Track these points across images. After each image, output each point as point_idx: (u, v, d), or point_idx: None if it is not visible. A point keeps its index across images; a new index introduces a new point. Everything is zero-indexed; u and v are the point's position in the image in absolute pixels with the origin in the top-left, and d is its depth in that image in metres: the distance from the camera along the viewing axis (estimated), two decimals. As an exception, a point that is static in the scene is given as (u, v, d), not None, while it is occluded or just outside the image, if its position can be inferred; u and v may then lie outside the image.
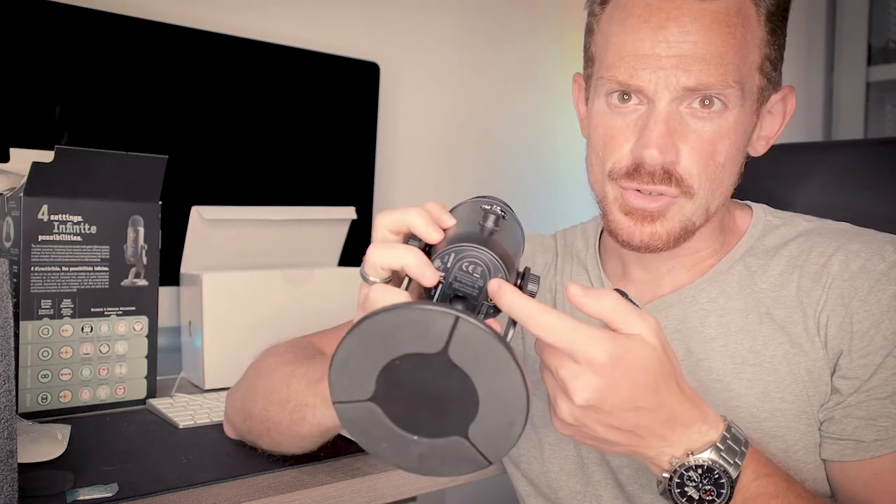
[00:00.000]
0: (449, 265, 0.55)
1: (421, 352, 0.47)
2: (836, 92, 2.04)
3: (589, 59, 0.80)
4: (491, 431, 0.49)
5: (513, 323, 0.55)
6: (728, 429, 0.61)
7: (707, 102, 0.71)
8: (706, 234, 0.80)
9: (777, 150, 1.21)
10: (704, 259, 0.81)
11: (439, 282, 0.55)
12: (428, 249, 0.58)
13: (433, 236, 0.57)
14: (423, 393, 0.49)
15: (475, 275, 0.55)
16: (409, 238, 0.59)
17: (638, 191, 0.74)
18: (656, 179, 0.72)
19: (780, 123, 0.81)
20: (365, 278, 0.59)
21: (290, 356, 0.83)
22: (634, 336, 0.56)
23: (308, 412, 0.75)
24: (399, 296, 0.54)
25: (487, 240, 0.56)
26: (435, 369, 0.48)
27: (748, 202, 0.87)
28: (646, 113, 0.72)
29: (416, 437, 0.50)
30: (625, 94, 0.73)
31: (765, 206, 0.86)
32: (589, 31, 0.80)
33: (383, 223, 0.60)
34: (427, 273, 0.54)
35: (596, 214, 0.92)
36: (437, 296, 0.55)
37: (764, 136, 0.80)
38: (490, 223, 0.58)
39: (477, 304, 0.55)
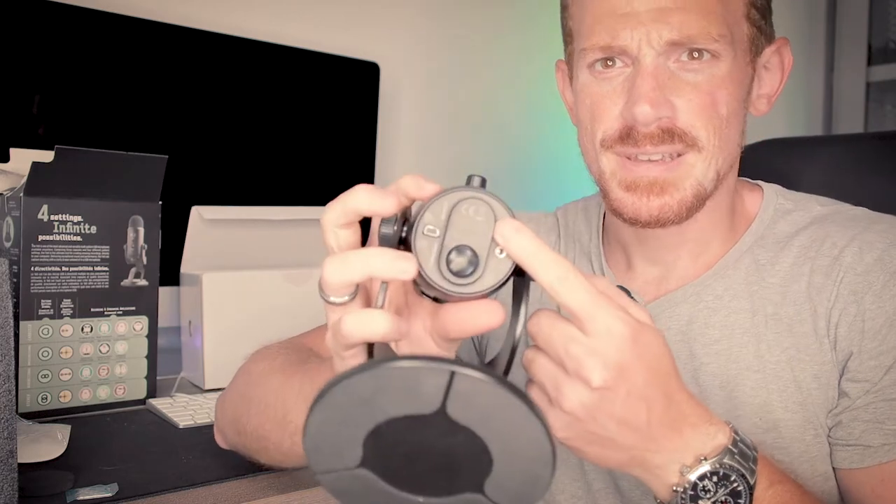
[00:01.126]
0: (443, 215, 0.45)
1: (413, 413, 0.39)
2: (837, 92, 2.04)
3: (567, 36, 0.76)
4: (511, 486, 0.41)
5: (526, 296, 0.47)
6: (736, 431, 0.56)
7: (696, 55, 0.67)
8: (715, 213, 0.74)
9: (776, 145, 1.20)
10: (712, 247, 0.76)
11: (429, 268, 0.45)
12: (405, 235, 0.47)
13: (387, 205, 0.45)
14: (424, 452, 0.40)
15: (478, 217, 0.45)
16: (381, 223, 0.47)
17: (635, 157, 0.68)
18: (655, 141, 0.67)
19: (779, 79, 0.75)
20: (326, 300, 0.47)
21: (282, 361, 0.75)
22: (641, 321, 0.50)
23: None
24: (380, 323, 0.44)
25: (482, 188, 0.47)
26: (433, 429, 0.39)
27: (759, 182, 0.80)
28: (632, 73, 0.68)
29: (422, 499, 0.42)
30: (608, 60, 0.69)
31: (776, 186, 0.80)
32: (564, 8, 0.77)
33: (329, 221, 0.48)
34: (401, 266, 0.43)
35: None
36: (433, 257, 0.45)
37: (764, 93, 0.75)
38: (476, 182, 0.47)
39: (486, 255, 0.45)
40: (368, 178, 1.56)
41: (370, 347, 0.46)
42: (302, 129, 1.45)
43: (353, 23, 1.61)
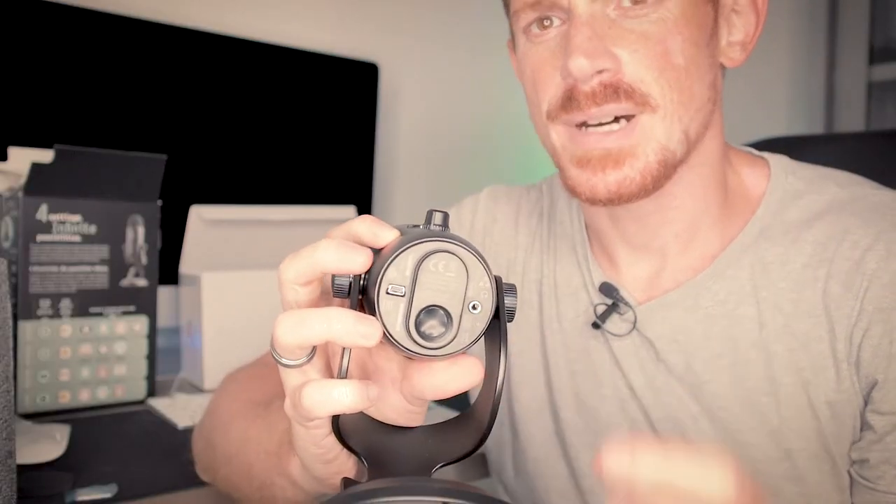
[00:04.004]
0: (409, 271, 0.40)
1: None
2: (838, 91, 2.03)
3: (505, 5, 0.68)
4: None
5: (504, 339, 0.41)
6: None
7: None
8: (695, 186, 0.64)
9: (777, 144, 1.20)
10: (702, 230, 0.66)
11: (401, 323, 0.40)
12: (364, 284, 0.43)
13: (359, 263, 0.40)
14: None
15: (449, 273, 0.40)
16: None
17: (584, 125, 0.60)
18: (598, 99, 0.58)
19: (754, 23, 0.65)
20: (279, 361, 0.43)
21: (244, 401, 0.66)
22: None
23: (277, 492, 0.58)
24: (346, 396, 0.39)
25: (446, 232, 0.42)
26: None
27: (763, 154, 0.70)
28: (567, 27, 0.60)
29: None
30: (544, 20, 0.62)
31: (785, 159, 0.69)
32: None
33: (288, 279, 0.45)
34: (363, 331, 0.39)
35: None
36: (401, 320, 0.40)
37: (737, 40, 0.65)
38: (438, 220, 0.42)
39: (459, 314, 0.40)
40: (368, 178, 1.56)
41: (335, 416, 0.42)
42: (302, 129, 1.45)
43: (353, 23, 1.61)
